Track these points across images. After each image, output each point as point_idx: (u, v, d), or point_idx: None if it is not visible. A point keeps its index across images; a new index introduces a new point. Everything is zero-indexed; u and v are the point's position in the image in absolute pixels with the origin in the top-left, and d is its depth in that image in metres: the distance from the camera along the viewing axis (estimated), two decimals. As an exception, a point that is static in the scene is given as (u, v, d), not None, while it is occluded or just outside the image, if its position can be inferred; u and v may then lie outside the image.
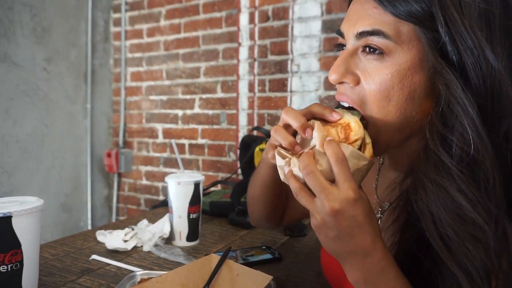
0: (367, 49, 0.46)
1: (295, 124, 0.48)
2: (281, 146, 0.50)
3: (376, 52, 0.45)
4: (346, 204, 0.42)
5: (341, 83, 0.49)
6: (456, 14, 0.40)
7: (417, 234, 0.45)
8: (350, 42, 0.48)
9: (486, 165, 0.40)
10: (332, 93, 1.63)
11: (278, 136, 0.50)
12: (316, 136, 0.46)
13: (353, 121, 0.47)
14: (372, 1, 0.45)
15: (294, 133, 0.52)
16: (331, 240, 0.44)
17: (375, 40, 0.45)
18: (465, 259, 0.39)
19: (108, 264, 0.77)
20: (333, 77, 0.48)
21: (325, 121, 0.49)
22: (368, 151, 0.47)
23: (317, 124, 0.47)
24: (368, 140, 0.47)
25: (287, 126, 0.51)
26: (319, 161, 0.45)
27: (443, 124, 0.43)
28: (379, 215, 0.58)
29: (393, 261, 0.44)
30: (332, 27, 1.62)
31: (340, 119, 0.48)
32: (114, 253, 0.83)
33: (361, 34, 0.46)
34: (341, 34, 0.50)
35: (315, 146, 0.46)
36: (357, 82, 0.48)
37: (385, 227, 0.51)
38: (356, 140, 0.46)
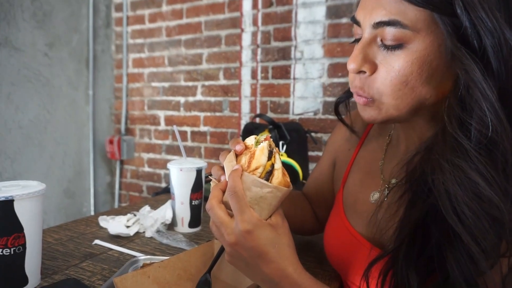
0: (385, 40, 0.46)
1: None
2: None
3: (394, 43, 0.45)
4: (241, 237, 0.46)
5: (358, 72, 0.49)
6: None
7: (424, 210, 0.46)
8: (367, 31, 0.48)
9: (505, 147, 0.40)
10: (335, 80, 1.61)
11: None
12: (225, 166, 0.50)
13: (259, 149, 0.48)
14: None
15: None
16: (243, 269, 0.49)
17: (392, 31, 0.45)
18: (480, 234, 0.40)
19: (111, 249, 0.77)
20: (352, 66, 0.48)
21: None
22: (276, 177, 0.48)
23: (229, 154, 0.50)
24: (277, 165, 0.48)
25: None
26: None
27: (461, 108, 0.43)
28: (386, 192, 0.59)
29: (308, 283, 0.46)
30: (336, 13, 1.59)
31: (245, 148, 0.50)
32: (117, 239, 0.83)
33: (378, 24, 0.46)
34: (356, 22, 0.50)
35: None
36: (374, 70, 0.48)
37: (390, 204, 0.52)
38: (256, 168, 0.48)
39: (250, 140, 0.51)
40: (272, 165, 0.48)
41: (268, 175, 0.48)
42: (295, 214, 0.76)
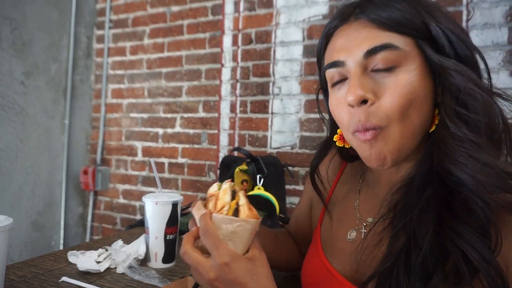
0: (378, 65, 0.48)
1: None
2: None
3: (389, 65, 0.48)
4: (219, 271, 0.47)
5: (359, 105, 0.49)
6: (438, 19, 0.48)
7: (407, 241, 0.47)
8: (355, 65, 0.49)
9: (501, 128, 0.46)
10: (312, 116, 1.66)
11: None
12: (194, 215, 0.54)
13: (222, 191, 0.53)
14: (367, 23, 0.50)
15: None
16: None
17: (387, 53, 0.48)
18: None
19: (79, 287, 0.74)
20: (352, 97, 0.48)
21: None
22: (243, 212, 0.51)
23: (198, 203, 0.54)
24: (242, 202, 0.52)
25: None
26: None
27: (457, 104, 0.47)
28: (363, 231, 0.60)
29: None
30: (313, 52, 1.66)
31: (211, 196, 0.54)
32: (86, 275, 0.80)
33: (370, 52, 0.48)
34: (337, 64, 0.52)
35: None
36: (377, 97, 0.48)
37: (369, 242, 0.53)
38: (222, 207, 0.51)
39: (213, 188, 0.56)
40: (237, 203, 0.52)
41: (236, 212, 0.51)
42: (280, 254, 0.77)
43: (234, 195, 0.53)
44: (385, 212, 0.53)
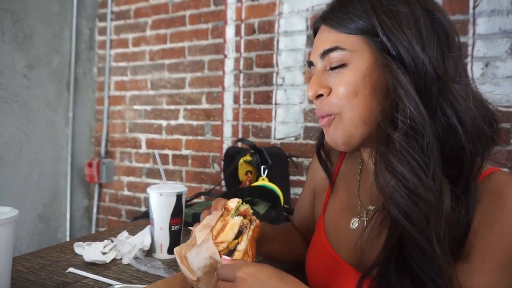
0: (332, 64, 0.56)
1: None
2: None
3: (338, 63, 0.55)
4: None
5: (317, 97, 0.58)
6: (389, 21, 0.52)
7: (401, 234, 0.49)
8: (318, 64, 0.58)
9: (427, 132, 0.48)
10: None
11: None
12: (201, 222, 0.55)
13: (230, 224, 0.51)
14: (326, 28, 0.57)
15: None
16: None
17: (335, 55, 0.55)
18: (423, 229, 0.46)
19: (85, 278, 0.75)
20: (310, 93, 0.58)
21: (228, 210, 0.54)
22: (236, 257, 0.50)
23: (214, 214, 0.55)
24: (240, 247, 0.50)
25: None
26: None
27: (390, 105, 0.51)
28: (365, 219, 0.61)
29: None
30: (316, 42, 1.65)
31: (225, 211, 0.53)
32: (92, 266, 0.80)
33: (324, 53, 0.56)
34: (311, 63, 0.61)
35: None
36: (330, 91, 0.57)
37: (371, 230, 0.54)
38: (222, 242, 0.50)
39: (233, 202, 0.54)
40: (237, 245, 0.51)
41: (230, 253, 0.50)
42: (288, 250, 0.78)
43: (239, 234, 0.51)
44: (379, 204, 0.53)
